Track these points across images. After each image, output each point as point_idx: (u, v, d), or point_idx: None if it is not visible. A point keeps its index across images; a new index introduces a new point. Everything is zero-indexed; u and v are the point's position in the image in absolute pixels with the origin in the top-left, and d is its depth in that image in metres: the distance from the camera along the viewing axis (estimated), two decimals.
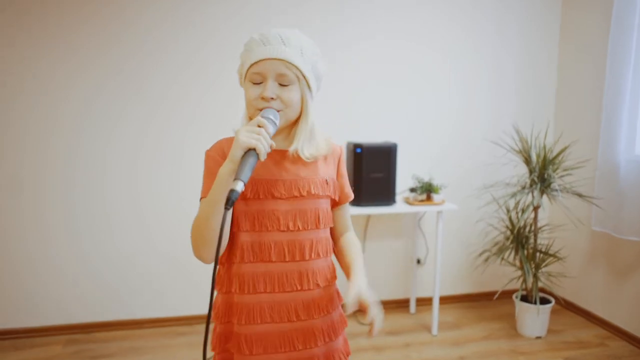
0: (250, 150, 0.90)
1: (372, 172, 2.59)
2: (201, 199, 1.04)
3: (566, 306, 3.09)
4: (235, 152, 0.91)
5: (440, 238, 2.68)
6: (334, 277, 1.12)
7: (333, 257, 1.14)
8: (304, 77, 1.01)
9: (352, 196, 1.17)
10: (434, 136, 3.03)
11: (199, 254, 1.00)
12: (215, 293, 1.03)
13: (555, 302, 3.06)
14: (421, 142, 3.00)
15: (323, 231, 1.08)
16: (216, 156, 1.05)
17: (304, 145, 1.05)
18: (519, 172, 2.98)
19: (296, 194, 1.03)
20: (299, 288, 1.03)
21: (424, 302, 3.10)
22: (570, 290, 3.07)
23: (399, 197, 2.81)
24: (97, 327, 2.72)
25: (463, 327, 2.85)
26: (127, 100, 2.63)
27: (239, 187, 0.86)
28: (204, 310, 2.83)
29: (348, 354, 1.15)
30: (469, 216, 3.10)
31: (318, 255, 1.06)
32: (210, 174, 1.03)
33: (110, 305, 2.74)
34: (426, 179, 2.74)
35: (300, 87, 1.02)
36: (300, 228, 1.03)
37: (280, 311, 1.03)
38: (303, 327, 1.04)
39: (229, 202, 0.84)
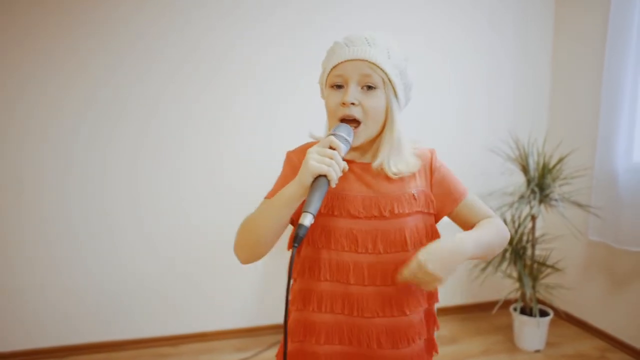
0: (321, 177, 0.82)
1: None
2: (266, 197, 0.98)
3: (565, 318, 3.02)
4: (305, 178, 0.83)
5: None
6: (432, 300, 1.02)
7: None
8: (390, 81, 0.93)
9: (465, 192, 1.05)
10: (430, 144, 2.94)
11: (238, 251, 0.95)
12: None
13: (554, 314, 2.99)
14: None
15: (414, 253, 0.94)
16: (295, 159, 0.99)
17: (390, 160, 0.95)
18: (515, 181, 2.91)
19: (376, 213, 0.94)
20: (380, 314, 0.94)
21: None
22: (569, 301, 3.00)
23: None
24: (74, 350, 2.54)
25: (460, 342, 2.76)
26: (126, 101, 2.54)
27: (308, 221, 0.80)
28: (186, 329, 2.68)
29: None
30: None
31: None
32: (282, 174, 1.00)
33: (88, 327, 2.56)
34: None
35: (385, 92, 0.93)
36: (382, 251, 0.94)
37: (360, 336, 0.93)
38: (385, 356, 0.94)
39: (297, 239, 0.78)
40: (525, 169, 2.63)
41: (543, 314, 2.66)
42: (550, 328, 2.77)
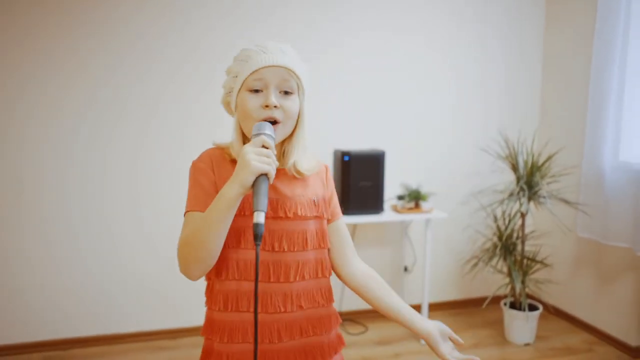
0: (262, 176, 0.86)
1: (360, 180, 2.56)
2: (187, 212, 0.98)
3: (554, 312, 3.10)
4: (246, 178, 0.85)
5: (428, 245, 2.66)
6: (329, 299, 1.07)
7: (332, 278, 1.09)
8: (302, 86, 0.99)
9: (339, 214, 1.12)
10: (422, 143, 3.01)
11: (188, 271, 0.95)
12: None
13: (543, 309, 3.06)
14: (409, 149, 2.98)
15: (312, 252, 1.02)
16: (204, 167, 1.01)
17: (301, 159, 1.01)
18: (505, 179, 2.98)
19: (282, 214, 0.99)
20: (282, 310, 0.98)
21: None
22: (558, 296, 3.08)
23: (387, 205, 2.77)
24: (74, 344, 2.61)
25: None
26: (126, 101, 2.60)
27: (262, 218, 0.83)
28: (185, 323, 2.75)
29: None
30: (456, 223, 3.09)
31: (303, 277, 1.00)
32: (197, 185, 0.99)
33: (89, 319, 2.63)
34: (414, 187, 2.72)
35: (299, 97, 0.99)
36: (286, 249, 0.99)
37: (263, 332, 0.97)
38: (284, 349, 0.99)
39: (257, 237, 0.81)
40: (514, 167, 2.71)
41: (532, 308, 2.73)
42: (539, 322, 2.84)
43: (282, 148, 1.03)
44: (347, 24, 2.82)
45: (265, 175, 0.86)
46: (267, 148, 0.88)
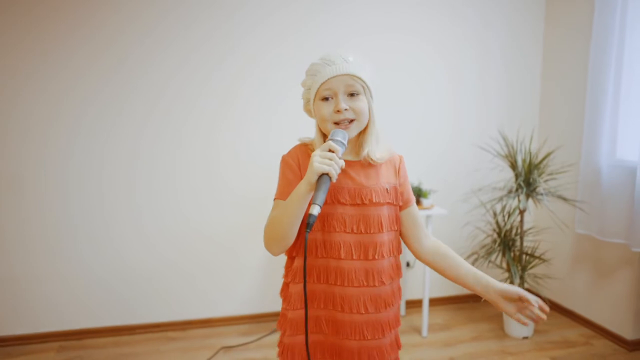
0: (324, 175, 1.00)
1: None
2: (275, 199, 1.17)
3: (552, 307, 3.17)
4: (310, 176, 1.01)
5: None
6: (398, 274, 1.22)
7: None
8: (368, 87, 1.13)
9: (414, 199, 1.26)
10: (421, 142, 3.09)
11: (270, 247, 1.13)
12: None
13: None
14: (409, 147, 3.06)
15: (387, 234, 1.17)
16: (291, 162, 1.18)
17: (374, 149, 1.17)
18: (505, 176, 3.06)
19: (359, 201, 1.14)
20: (365, 284, 1.14)
21: (414, 305, 3.15)
22: (556, 291, 3.15)
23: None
24: (89, 334, 2.73)
25: (452, 329, 2.91)
26: (125, 102, 2.67)
27: (316, 211, 0.98)
28: (194, 315, 2.86)
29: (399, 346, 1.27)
30: (457, 220, 3.17)
31: (382, 256, 1.16)
32: (284, 177, 1.17)
33: (102, 311, 2.74)
34: (415, 184, 2.80)
35: (366, 96, 1.14)
36: (364, 231, 1.14)
37: (351, 303, 1.13)
38: (371, 319, 1.15)
39: (309, 226, 0.97)
40: (513, 165, 2.78)
41: None
42: None
43: (358, 141, 1.18)
44: (347, 26, 2.90)
45: (327, 175, 1.01)
46: (332, 152, 1.03)
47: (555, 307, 3.15)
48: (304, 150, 1.19)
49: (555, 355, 2.58)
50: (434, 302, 3.20)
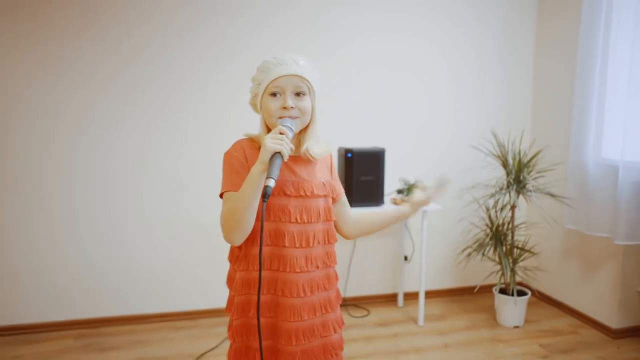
0: (276, 154, 1.11)
1: (362, 175, 2.80)
2: (224, 192, 1.22)
3: (542, 298, 3.33)
4: (264, 156, 1.11)
5: (425, 236, 2.89)
6: (333, 261, 1.34)
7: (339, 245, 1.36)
8: (313, 89, 1.25)
9: (342, 191, 1.42)
10: (419, 141, 3.25)
11: (229, 237, 1.18)
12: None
13: (532, 295, 3.29)
14: (407, 147, 3.22)
15: (321, 224, 1.29)
16: (236, 154, 1.25)
17: (313, 146, 1.29)
18: (498, 174, 3.22)
19: (302, 193, 1.26)
20: (305, 269, 1.25)
21: (411, 297, 3.31)
22: (545, 283, 3.31)
23: (387, 198, 3.01)
24: (105, 323, 2.89)
25: (447, 319, 3.07)
26: (129, 103, 2.80)
27: (272, 183, 1.06)
28: (202, 305, 3.02)
29: (341, 347, 1.36)
30: (452, 215, 3.33)
31: (318, 243, 1.28)
32: (232, 168, 1.23)
33: (117, 302, 2.91)
34: (412, 181, 2.96)
35: (310, 97, 1.25)
36: (306, 221, 1.26)
37: (291, 287, 1.24)
38: (307, 302, 1.26)
39: (266, 196, 1.06)
40: (505, 164, 2.94)
41: (521, 294, 2.96)
42: (528, 307, 3.07)
43: (299, 137, 1.29)
44: (350, 27, 3.04)
45: (279, 153, 1.10)
46: (282, 134, 1.14)
47: (545, 298, 3.31)
48: (250, 144, 1.27)
49: (544, 343, 2.74)
50: (430, 294, 3.36)
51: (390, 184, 3.10)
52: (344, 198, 1.42)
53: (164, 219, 2.92)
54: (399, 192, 2.94)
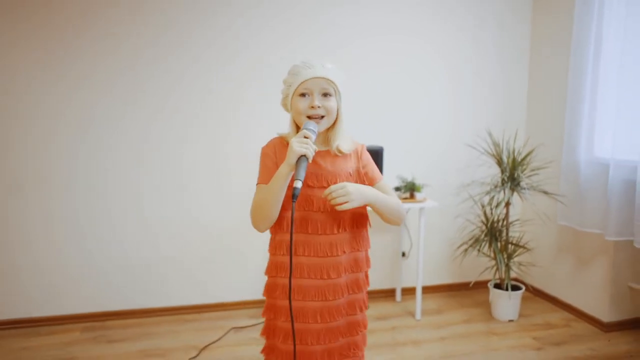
0: (302, 157, 1.23)
1: None
2: (258, 184, 1.36)
3: (536, 293, 3.42)
4: (291, 159, 1.23)
5: (422, 233, 2.97)
6: (362, 246, 1.43)
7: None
8: (339, 91, 1.36)
9: (381, 176, 1.48)
10: (417, 140, 3.33)
11: (258, 225, 1.33)
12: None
13: (526, 289, 3.38)
14: (405, 145, 3.31)
15: (349, 211, 1.37)
16: (269, 152, 1.39)
17: (342, 142, 1.40)
18: (493, 172, 3.31)
19: (325, 184, 1.36)
20: (329, 254, 1.35)
21: (409, 292, 3.40)
22: (539, 278, 3.39)
23: None
24: (110, 316, 2.97)
25: (444, 313, 3.15)
26: (130, 102, 2.86)
27: (299, 185, 1.19)
28: (209, 300, 3.10)
29: (365, 325, 1.47)
30: (448, 212, 3.41)
31: (345, 229, 1.37)
32: (264, 165, 1.38)
33: (124, 295, 2.98)
34: (409, 179, 3.04)
35: (336, 98, 1.36)
36: (329, 210, 1.35)
37: (315, 270, 1.34)
38: (332, 284, 1.36)
39: (294, 197, 1.18)
40: (499, 162, 3.02)
41: (516, 289, 3.05)
42: (522, 302, 3.15)
43: (327, 135, 1.41)
44: (350, 27, 3.11)
45: (304, 156, 1.22)
46: (307, 138, 1.25)
47: (539, 293, 3.39)
48: (280, 142, 1.39)
49: (537, 336, 2.82)
50: (428, 289, 3.44)
51: (388, 181, 3.16)
52: (381, 184, 1.46)
53: (164, 218, 2.99)
54: (397, 189, 3.02)
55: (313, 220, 1.34)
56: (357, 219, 1.41)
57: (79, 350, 2.58)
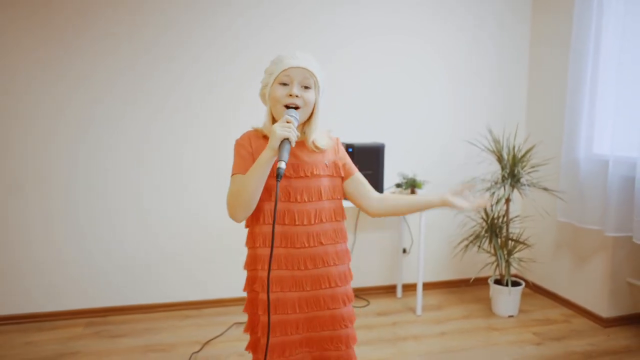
0: (285, 140, 1.23)
1: (362, 169, 2.87)
2: (234, 174, 1.33)
3: (535, 289, 3.44)
4: (274, 142, 1.22)
5: (423, 229, 2.99)
6: (343, 238, 1.43)
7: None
8: (319, 85, 1.36)
9: (356, 169, 1.48)
10: (418, 137, 3.35)
11: (235, 215, 1.30)
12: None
13: (526, 285, 3.40)
14: (406, 142, 3.32)
15: (327, 202, 1.38)
16: (244, 143, 1.37)
17: (318, 138, 1.39)
18: (493, 169, 3.32)
19: (302, 174, 1.36)
20: (306, 245, 1.35)
21: (410, 288, 3.42)
22: (539, 274, 3.41)
23: (386, 192, 3.12)
24: (113, 311, 2.99)
25: (444, 309, 3.17)
26: (130, 102, 2.87)
27: (283, 165, 1.19)
28: (208, 296, 3.12)
29: (351, 320, 1.44)
30: (449, 209, 3.42)
31: (321, 220, 1.37)
32: (240, 155, 1.35)
33: (126, 291, 3.00)
34: (410, 176, 3.06)
35: (315, 92, 1.35)
36: (306, 200, 1.35)
37: (292, 261, 1.35)
38: (310, 274, 1.37)
39: (279, 176, 1.18)
40: (500, 159, 3.04)
41: (516, 284, 3.06)
42: (522, 298, 3.17)
43: (303, 129, 1.40)
44: (350, 27, 3.13)
45: (287, 139, 1.22)
46: (289, 122, 1.25)
47: (538, 289, 3.41)
48: (255, 134, 1.38)
49: (537, 331, 2.84)
50: (428, 286, 3.46)
51: (390, 178, 3.20)
52: (357, 175, 1.47)
53: (164, 218, 3.00)
54: (398, 185, 3.04)
55: (290, 211, 1.34)
56: (335, 211, 1.41)
57: (82, 345, 2.60)
